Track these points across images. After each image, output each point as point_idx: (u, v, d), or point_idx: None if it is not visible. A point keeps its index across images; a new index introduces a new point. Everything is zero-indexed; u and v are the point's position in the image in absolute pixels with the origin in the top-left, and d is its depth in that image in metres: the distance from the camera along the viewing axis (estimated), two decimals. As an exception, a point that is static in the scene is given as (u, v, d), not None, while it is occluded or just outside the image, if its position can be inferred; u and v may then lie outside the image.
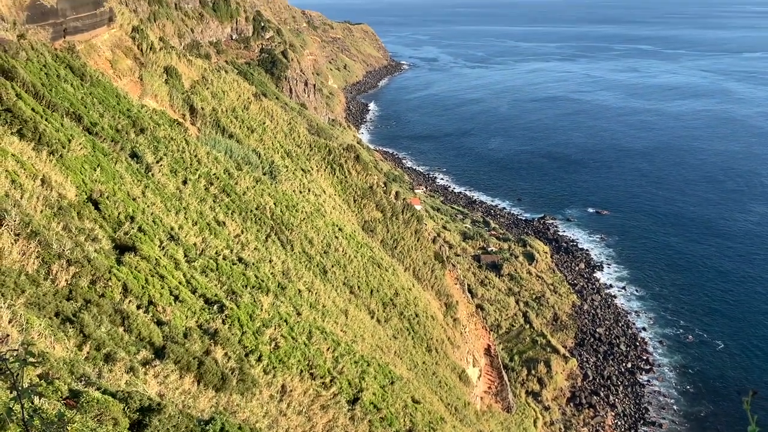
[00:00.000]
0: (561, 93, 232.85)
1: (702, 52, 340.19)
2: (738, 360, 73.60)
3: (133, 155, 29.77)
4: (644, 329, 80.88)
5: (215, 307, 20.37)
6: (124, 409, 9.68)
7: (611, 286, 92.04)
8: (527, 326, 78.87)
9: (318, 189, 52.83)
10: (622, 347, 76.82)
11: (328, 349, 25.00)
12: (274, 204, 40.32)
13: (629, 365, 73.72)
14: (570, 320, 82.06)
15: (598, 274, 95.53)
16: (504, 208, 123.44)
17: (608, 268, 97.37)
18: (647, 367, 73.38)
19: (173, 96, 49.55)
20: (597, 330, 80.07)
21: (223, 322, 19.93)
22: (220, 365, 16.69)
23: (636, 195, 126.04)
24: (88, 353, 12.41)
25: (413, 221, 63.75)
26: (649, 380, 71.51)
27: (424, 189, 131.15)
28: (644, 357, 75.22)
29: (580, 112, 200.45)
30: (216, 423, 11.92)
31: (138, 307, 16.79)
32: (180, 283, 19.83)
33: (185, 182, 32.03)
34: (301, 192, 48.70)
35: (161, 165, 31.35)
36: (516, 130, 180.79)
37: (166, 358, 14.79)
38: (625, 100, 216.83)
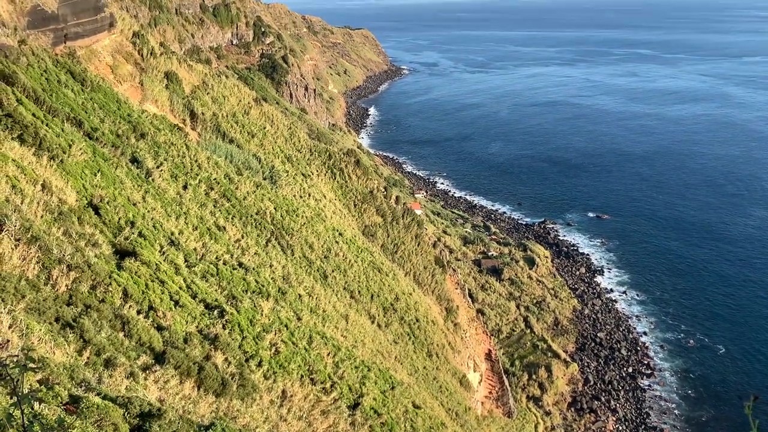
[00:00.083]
0: (561, 97, 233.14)
1: (702, 57, 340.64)
2: (739, 364, 73.45)
3: (134, 160, 29.80)
4: (645, 334, 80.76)
5: (215, 312, 20.35)
6: (124, 415, 9.66)
7: (612, 291, 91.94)
8: (528, 331, 78.77)
9: (318, 194, 52.85)
10: (623, 352, 76.68)
11: (329, 354, 24.96)
12: (275, 209, 40.33)
13: (630, 370, 73.58)
14: (571, 325, 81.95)
15: (599, 279, 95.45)
16: (504, 213, 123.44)
17: (609, 273, 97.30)
18: (648, 372, 73.25)
19: (174, 101, 49.63)
20: (598, 334, 79.95)
21: (224, 327, 19.90)
22: (221, 370, 16.66)
23: (636, 199, 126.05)
24: (88, 358, 12.39)
25: (413, 226, 63.74)
26: (651, 385, 71.37)
27: (425, 193, 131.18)
28: (645, 361, 75.09)
29: (580, 117, 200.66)
30: (216, 428, 11.89)
31: (138, 312, 16.77)
32: (180, 288, 19.82)
33: (185, 187, 32.04)
34: (302, 197, 48.72)
35: (161, 170, 31.38)
36: (516, 135, 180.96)
37: (167, 364, 14.77)
38: (625, 105, 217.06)
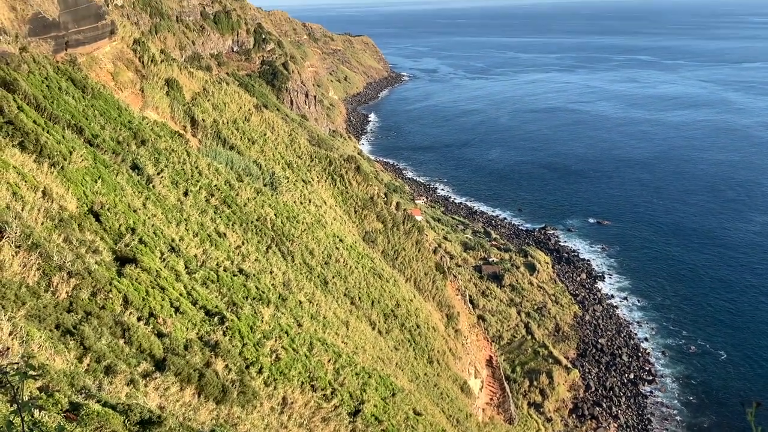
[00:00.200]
0: (561, 103, 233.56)
1: (701, 63, 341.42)
2: (741, 370, 73.25)
3: (134, 167, 29.83)
4: (646, 340, 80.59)
5: (216, 319, 20.32)
6: (125, 422, 9.63)
7: (613, 297, 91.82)
8: (529, 337, 78.62)
9: (319, 200, 52.88)
10: (625, 358, 76.51)
11: (329, 361, 24.90)
12: (275, 215, 40.34)
13: (631, 376, 73.40)
14: (572, 331, 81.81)
15: (600, 285, 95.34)
16: (505, 219, 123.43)
17: (610, 279, 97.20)
18: (650, 378, 73.06)
19: (174, 108, 49.72)
20: (599, 341, 79.80)
21: (224, 334, 19.87)
22: (221, 377, 16.62)
23: (637, 205, 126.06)
24: (89, 365, 12.37)
25: (414, 232, 63.73)
26: (652, 391, 71.17)
27: (425, 199, 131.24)
28: (646, 368, 74.90)
29: (580, 123, 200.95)
30: (217, 436, 11.85)
31: (138, 319, 16.75)
32: (181, 295, 19.80)
33: (186, 194, 32.06)
34: (302, 203, 48.73)
35: (162, 177, 31.40)
36: (516, 141, 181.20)
37: (167, 370, 14.74)
38: (625, 111, 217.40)
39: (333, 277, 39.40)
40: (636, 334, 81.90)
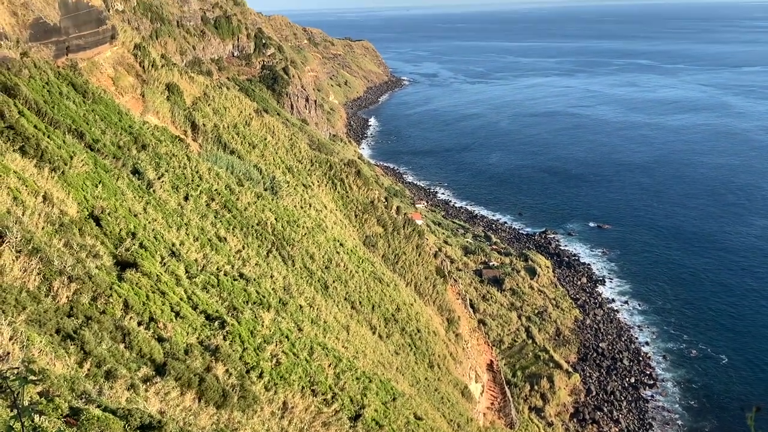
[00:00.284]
0: (561, 108, 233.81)
1: (701, 67, 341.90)
2: (743, 374, 73.10)
3: (135, 172, 29.86)
4: (647, 344, 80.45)
5: (216, 324, 20.31)
6: (125, 427, 9.62)
7: (614, 301, 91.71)
8: (530, 341, 78.51)
9: (319, 204, 52.89)
10: (625, 362, 76.37)
11: (330, 366, 24.87)
12: (275, 219, 40.35)
13: (632, 380, 73.25)
14: (572, 335, 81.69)
15: (601, 289, 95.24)
16: (505, 223, 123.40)
17: (610, 283, 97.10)
18: (651, 382, 72.91)
19: (175, 112, 49.80)
20: (600, 345, 79.66)
21: (224, 339, 19.85)
22: (221, 382, 16.60)
23: (637, 209, 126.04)
24: (89, 370, 12.36)
25: (414, 236, 63.73)
26: (653, 395, 71.02)
27: (425, 204, 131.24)
28: (647, 372, 74.75)
29: (580, 127, 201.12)
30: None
31: (139, 324, 16.74)
32: (181, 300, 19.79)
33: (186, 198, 32.09)
34: (302, 207, 48.75)
35: (163, 181, 31.43)
36: (516, 145, 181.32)
37: (167, 375, 14.72)
38: (625, 115, 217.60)
39: (333, 282, 39.39)
40: (637, 338, 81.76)
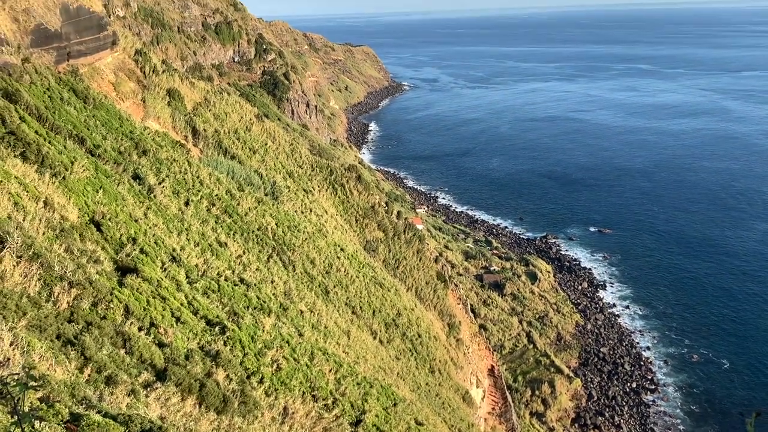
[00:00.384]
0: (561, 112, 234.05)
1: (701, 71, 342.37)
2: (744, 379, 72.92)
3: (136, 177, 29.89)
4: (648, 348, 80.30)
5: (217, 329, 20.29)
6: (125, 433, 9.60)
7: (615, 305, 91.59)
8: (531, 346, 78.37)
9: (320, 209, 52.91)
10: (627, 367, 76.22)
11: (331, 371, 24.83)
12: (276, 224, 40.35)
13: (634, 385, 73.09)
14: (573, 340, 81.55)
15: (602, 293, 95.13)
16: (506, 228, 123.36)
17: (611, 287, 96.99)
18: (652, 387, 72.73)
19: (176, 118, 49.89)
20: (601, 349, 79.52)
21: (225, 344, 19.83)
22: (222, 387, 16.57)
23: (638, 213, 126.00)
24: (89, 376, 12.34)
25: (415, 241, 63.71)
26: (654, 400, 70.85)
27: (426, 209, 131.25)
28: (649, 377, 74.59)
29: (580, 132, 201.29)
30: (217, 446, 11.80)
31: (139, 329, 16.72)
32: (182, 305, 19.78)
33: (187, 203, 32.10)
34: (303, 212, 48.76)
35: (163, 186, 31.46)
36: (516, 150, 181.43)
37: (168, 381, 14.70)
38: (625, 119, 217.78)
39: (334, 287, 39.35)
40: (638, 343, 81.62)
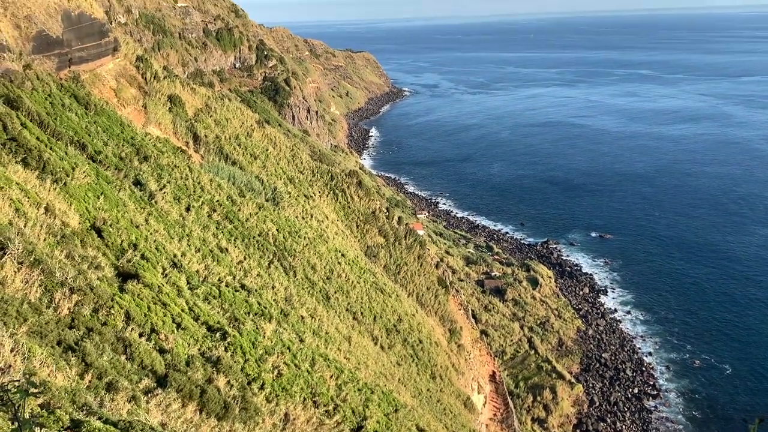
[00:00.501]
0: (561, 118, 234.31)
1: (701, 76, 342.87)
2: (747, 384, 72.68)
3: (137, 183, 29.91)
4: (650, 354, 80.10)
5: (218, 335, 20.26)
6: (126, 439, 9.57)
7: (616, 311, 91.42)
8: (532, 352, 78.19)
9: (321, 215, 52.91)
10: (628, 372, 76.00)
11: (332, 377, 24.78)
12: (277, 230, 40.34)
13: (636, 391, 72.86)
14: (575, 345, 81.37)
15: (603, 299, 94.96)
16: (507, 233, 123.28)
17: (613, 293, 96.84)
18: (654, 393, 72.52)
19: (177, 124, 49.97)
20: (602, 355, 79.32)
21: (226, 350, 19.80)
22: (223, 393, 16.54)
23: (639, 218, 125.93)
24: (90, 382, 12.32)
25: (416, 246, 63.66)
26: (656, 406, 70.61)
27: (427, 214, 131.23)
28: (651, 382, 74.36)
29: (581, 137, 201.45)
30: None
31: (140, 335, 16.70)
32: (182, 311, 19.76)
33: (188, 209, 32.12)
34: (304, 218, 48.76)
35: (164, 192, 31.47)
36: (517, 155, 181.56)
37: (169, 387, 14.67)
38: (626, 125, 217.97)
39: (335, 293, 39.31)
40: (640, 349, 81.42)
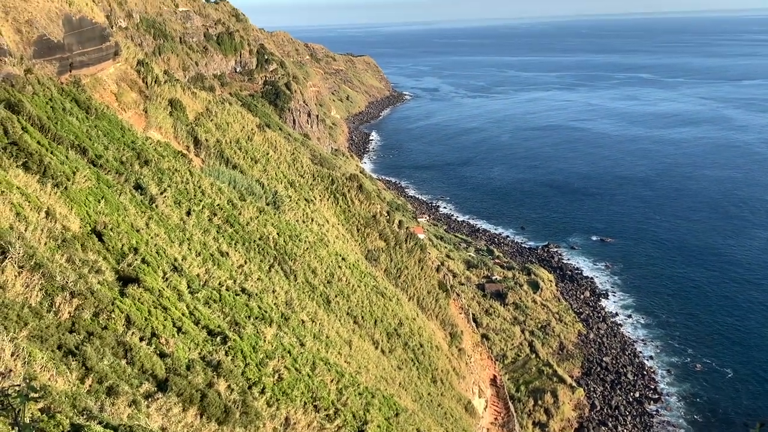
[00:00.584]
0: (562, 121, 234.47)
1: (702, 80, 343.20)
2: (749, 388, 72.51)
3: (137, 187, 29.91)
4: (651, 358, 79.96)
5: (218, 339, 20.23)
6: (126, 444, 9.54)
7: (617, 314, 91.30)
8: (533, 356, 78.05)
9: (321, 218, 52.89)
10: (630, 376, 75.86)
11: (332, 381, 24.73)
12: (278, 234, 40.33)
13: (637, 395, 72.71)
14: (576, 349, 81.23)
15: (604, 302, 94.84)
16: (507, 237, 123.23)
17: (614, 296, 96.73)
18: (655, 397, 72.36)
19: (177, 128, 50.00)
20: (603, 359, 79.18)
21: (226, 354, 19.76)
22: (223, 398, 16.50)
23: (640, 222, 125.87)
24: (90, 386, 12.29)
25: (417, 250, 63.62)
26: (658, 410, 70.45)
27: (427, 218, 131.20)
28: (652, 386, 74.21)
29: (581, 140, 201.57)
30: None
31: (141, 339, 16.67)
32: (183, 315, 19.73)
33: (189, 213, 32.11)
34: (305, 222, 48.75)
35: (165, 196, 31.47)
36: (517, 159, 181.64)
37: (169, 391, 14.63)
38: (626, 128, 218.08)
39: (336, 296, 39.27)
40: (641, 352, 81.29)
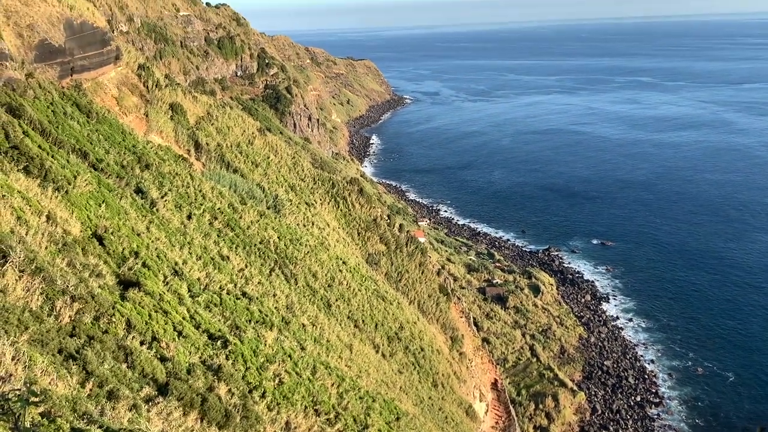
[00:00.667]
0: (562, 125, 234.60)
1: (702, 84, 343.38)
2: (751, 392, 72.37)
3: (138, 191, 29.93)
4: (652, 361, 79.84)
5: (219, 343, 20.22)
6: (127, 448, 9.53)
7: (618, 318, 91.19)
8: (534, 360, 77.95)
9: (322, 222, 52.90)
10: (631, 380, 75.74)
11: (333, 385, 24.70)
12: (278, 238, 40.33)
13: (638, 398, 72.58)
14: (577, 353, 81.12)
15: (605, 306, 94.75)
16: (508, 240, 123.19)
17: (614, 300, 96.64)
18: (656, 401, 72.23)
19: (178, 132, 50.06)
20: (605, 363, 79.07)
21: (227, 358, 19.75)
22: (224, 402, 16.47)
23: (640, 225, 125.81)
24: (91, 390, 12.28)
25: (417, 254, 63.60)
26: (659, 414, 70.32)
27: (428, 221, 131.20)
28: (653, 390, 74.09)
29: (582, 144, 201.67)
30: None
31: (141, 343, 16.66)
32: (184, 319, 19.73)
33: (190, 217, 32.12)
34: (305, 225, 48.75)
35: (166, 200, 31.49)
36: (518, 162, 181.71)
37: (170, 395, 14.62)
38: (627, 132, 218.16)
39: (336, 300, 39.25)
40: (642, 356, 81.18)
